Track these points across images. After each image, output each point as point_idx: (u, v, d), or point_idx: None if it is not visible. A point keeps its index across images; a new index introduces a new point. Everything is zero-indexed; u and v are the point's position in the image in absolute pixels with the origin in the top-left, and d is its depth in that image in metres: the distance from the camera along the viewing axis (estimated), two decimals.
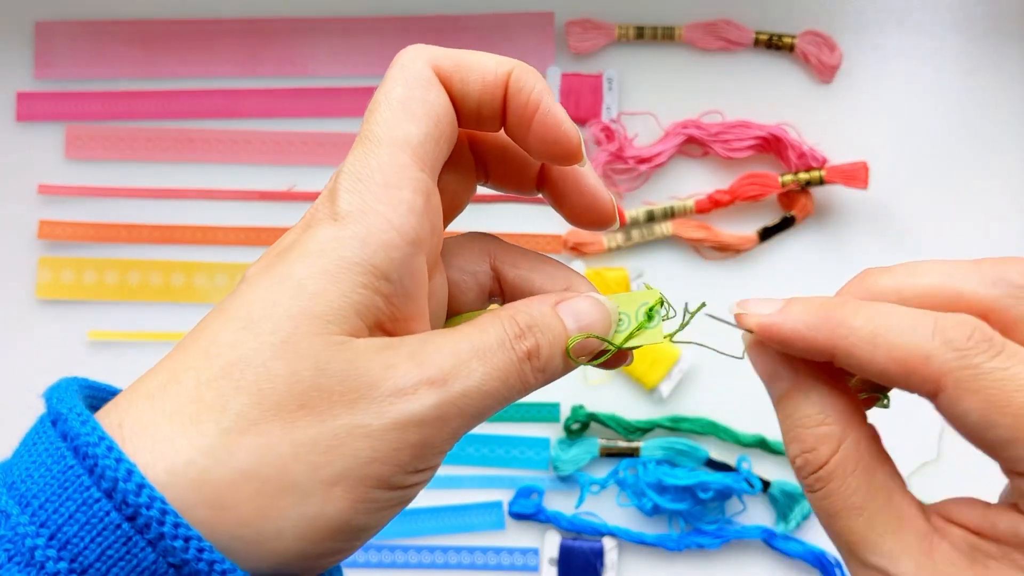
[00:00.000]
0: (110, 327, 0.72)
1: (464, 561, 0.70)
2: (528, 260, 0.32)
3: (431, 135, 0.28)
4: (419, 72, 0.28)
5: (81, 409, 0.25)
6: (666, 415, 0.69)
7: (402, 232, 0.27)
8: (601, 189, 0.31)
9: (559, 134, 0.29)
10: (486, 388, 0.27)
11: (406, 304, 0.27)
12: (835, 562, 0.68)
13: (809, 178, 0.68)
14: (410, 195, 0.27)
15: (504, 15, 0.72)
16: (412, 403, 0.26)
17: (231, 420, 0.24)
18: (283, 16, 0.73)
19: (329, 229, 0.27)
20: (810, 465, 0.28)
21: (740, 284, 0.70)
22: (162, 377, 0.26)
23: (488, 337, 0.28)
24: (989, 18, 0.71)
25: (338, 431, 0.25)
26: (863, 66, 0.71)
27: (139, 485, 0.23)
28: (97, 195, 0.73)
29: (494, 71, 0.29)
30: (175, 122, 0.73)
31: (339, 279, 0.26)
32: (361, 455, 0.25)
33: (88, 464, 0.24)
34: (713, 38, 0.71)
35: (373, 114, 0.29)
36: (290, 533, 0.25)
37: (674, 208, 0.70)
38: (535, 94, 0.29)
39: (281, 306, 0.26)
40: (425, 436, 0.26)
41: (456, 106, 0.29)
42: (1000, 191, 0.70)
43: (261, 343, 0.25)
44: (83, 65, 0.73)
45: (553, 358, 0.29)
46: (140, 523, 0.23)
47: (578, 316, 0.30)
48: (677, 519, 0.69)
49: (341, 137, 0.72)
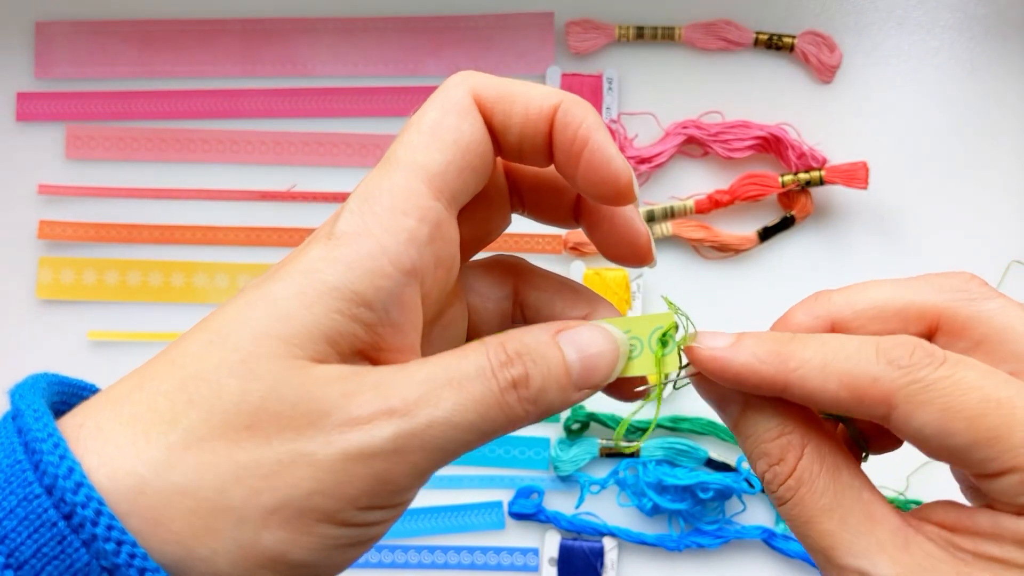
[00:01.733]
0: (110, 327, 0.72)
1: (464, 561, 0.70)
2: (551, 284, 0.31)
3: (455, 164, 0.27)
4: (458, 99, 0.27)
5: (39, 406, 0.25)
6: (666, 415, 0.69)
7: (395, 261, 0.25)
8: (639, 226, 0.30)
9: (608, 173, 0.27)
10: (456, 420, 0.25)
11: (392, 335, 0.26)
12: None
13: (809, 178, 0.68)
14: (414, 223, 0.26)
15: (504, 15, 0.72)
16: (364, 434, 0.24)
17: (178, 434, 0.24)
18: (283, 16, 0.73)
19: (321, 249, 0.26)
20: (779, 476, 0.27)
21: (740, 284, 0.70)
22: (131, 383, 0.25)
23: (467, 364, 0.26)
24: (989, 18, 0.71)
25: (281, 457, 0.24)
26: (863, 66, 0.71)
27: (77, 484, 0.23)
28: (97, 195, 0.73)
29: (539, 104, 0.27)
30: (175, 122, 0.73)
31: (314, 302, 0.25)
32: (303, 485, 0.24)
33: (35, 460, 0.23)
34: (713, 38, 0.71)
35: (401, 136, 0.27)
36: (223, 558, 0.24)
37: (674, 208, 0.70)
38: (583, 129, 0.27)
39: (249, 324, 0.25)
40: (378, 471, 0.24)
41: (497, 138, 0.28)
42: (1000, 191, 0.70)
43: (221, 359, 0.24)
44: (83, 65, 0.73)
45: (546, 390, 0.27)
46: (75, 522, 0.23)
47: (580, 347, 0.27)
48: (677, 519, 0.69)
49: (341, 137, 0.72)
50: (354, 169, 0.72)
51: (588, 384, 0.27)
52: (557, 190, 0.30)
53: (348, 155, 0.72)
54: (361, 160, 0.72)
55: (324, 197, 0.72)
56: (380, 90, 0.72)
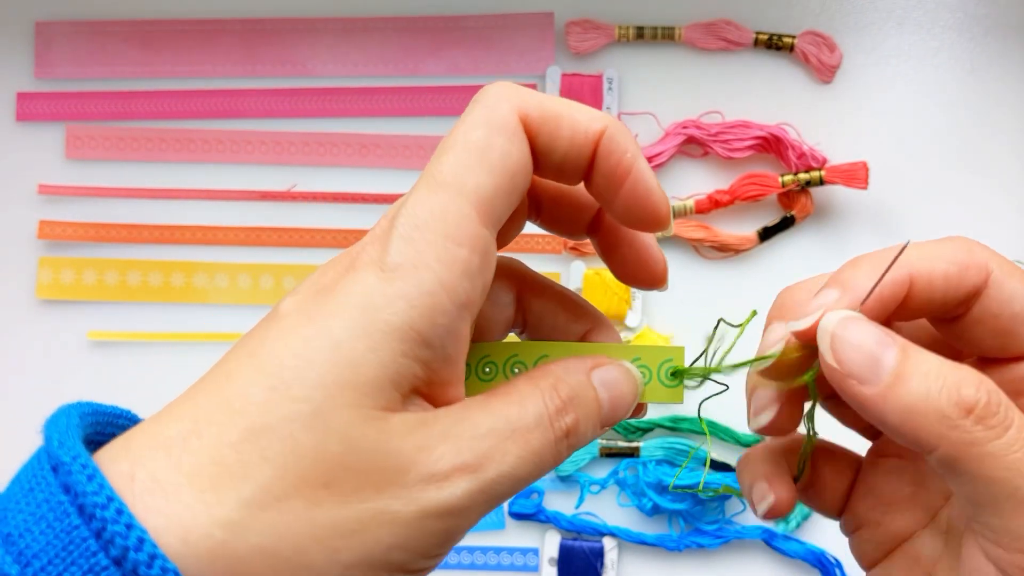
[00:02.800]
0: (110, 327, 0.72)
1: (464, 561, 0.70)
2: (554, 295, 0.31)
3: (503, 189, 0.26)
4: (504, 118, 0.26)
5: (86, 459, 0.23)
6: (666, 415, 0.69)
7: (453, 295, 0.25)
8: (655, 249, 0.30)
9: (649, 203, 0.27)
10: (519, 473, 0.25)
11: (445, 369, 0.25)
12: (835, 562, 0.68)
13: (809, 178, 0.68)
14: (467, 253, 0.25)
15: (504, 15, 0.72)
16: (443, 491, 0.24)
17: (252, 491, 0.23)
18: (283, 16, 0.73)
19: (374, 279, 0.24)
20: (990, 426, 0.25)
21: (740, 284, 0.70)
22: (182, 426, 0.24)
23: (527, 414, 0.26)
24: (989, 18, 0.71)
25: (362, 515, 0.23)
26: (863, 66, 0.71)
27: (151, 556, 0.22)
28: (97, 195, 0.73)
29: (585, 129, 0.27)
30: (175, 122, 0.73)
31: (379, 346, 0.24)
32: (384, 542, 0.24)
33: (95, 527, 0.22)
34: (713, 38, 0.71)
35: (447, 154, 0.26)
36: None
37: (674, 208, 0.70)
38: (628, 157, 0.27)
39: (314, 369, 0.24)
40: (452, 525, 0.25)
41: (538, 158, 0.27)
42: (1000, 191, 0.70)
43: (291, 410, 0.23)
44: (83, 65, 0.73)
45: (587, 434, 0.27)
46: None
47: (610, 387, 0.28)
48: (677, 519, 0.69)
49: (341, 137, 0.72)
50: (354, 169, 0.72)
51: (611, 422, 0.28)
52: (578, 205, 0.30)
53: (348, 155, 0.72)
54: (361, 160, 0.72)
55: (324, 197, 0.72)
56: (380, 90, 0.72)
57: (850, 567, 0.68)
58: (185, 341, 0.72)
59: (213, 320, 0.72)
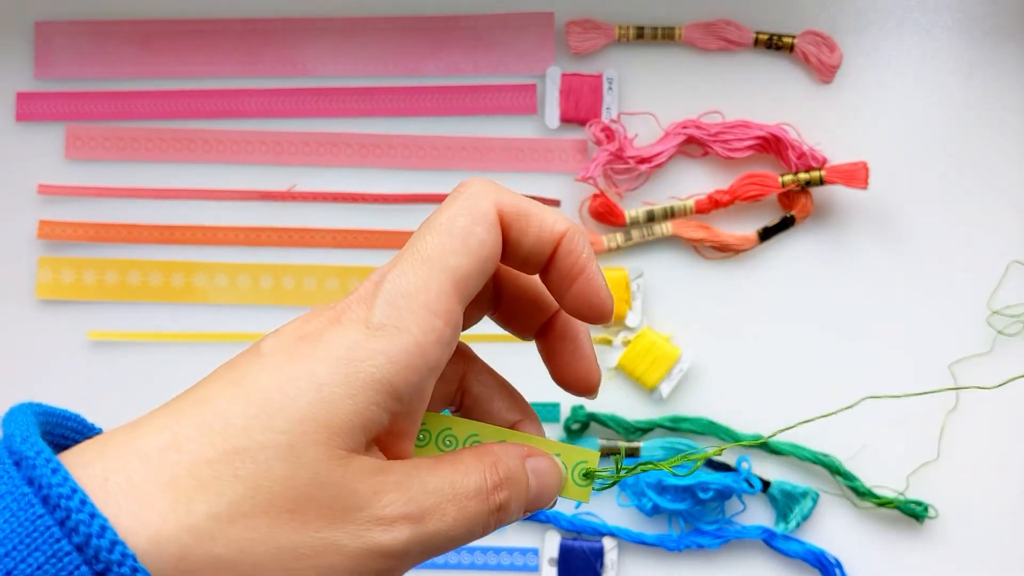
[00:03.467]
0: (110, 327, 0.72)
1: (464, 561, 0.70)
2: (494, 381, 0.34)
3: (476, 271, 0.29)
4: (485, 211, 0.29)
5: (50, 455, 0.24)
6: (666, 415, 0.69)
7: (426, 359, 0.28)
8: (593, 362, 0.33)
9: (596, 300, 0.31)
10: (452, 533, 0.28)
11: (405, 422, 0.28)
12: (835, 562, 0.68)
13: (809, 178, 0.68)
14: (442, 324, 0.28)
15: (504, 15, 0.72)
16: (387, 534, 0.27)
17: (223, 506, 0.25)
18: (283, 16, 0.73)
19: (359, 335, 0.27)
20: None
21: (740, 284, 0.70)
22: (162, 439, 0.26)
23: (469, 483, 0.29)
24: (989, 18, 0.71)
25: (316, 543, 0.26)
26: (863, 66, 0.71)
27: (112, 542, 0.23)
28: (97, 195, 0.73)
29: (551, 228, 0.30)
30: (175, 122, 0.73)
31: (357, 394, 0.27)
32: (331, 571, 0.26)
33: (59, 516, 0.23)
34: (713, 38, 0.71)
35: (431, 235, 0.29)
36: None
37: (674, 208, 0.70)
38: (583, 259, 0.30)
39: (296, 406, 0.26)
40: (387, 566, 0.27)
41: (507, 248, 0.30)
42: (1000, 191, 0.70)
43: (268, 439, 0.26)
44: (83, 65, 0.73)
45: (515, 513, 0.31)
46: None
47: (539, 475, 0.32)
48: (677, 519, 0.69)
49: (341, 137, 0.72)
50: (354, 169, 0.72)
51: (535, 507, 0.32)
52: (531, 307, 0.33)
53: (348, 155, 0.72)
54: (361, 160, 0.72)
55: (324, 197, 0.72)
56: (380, 90, 0.72)
57: (850, 567, 0.68)
58: (185, 341, 0.72)
59: (213, 320, 0.72)
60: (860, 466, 0.69)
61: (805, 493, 0.68)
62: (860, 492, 0.68)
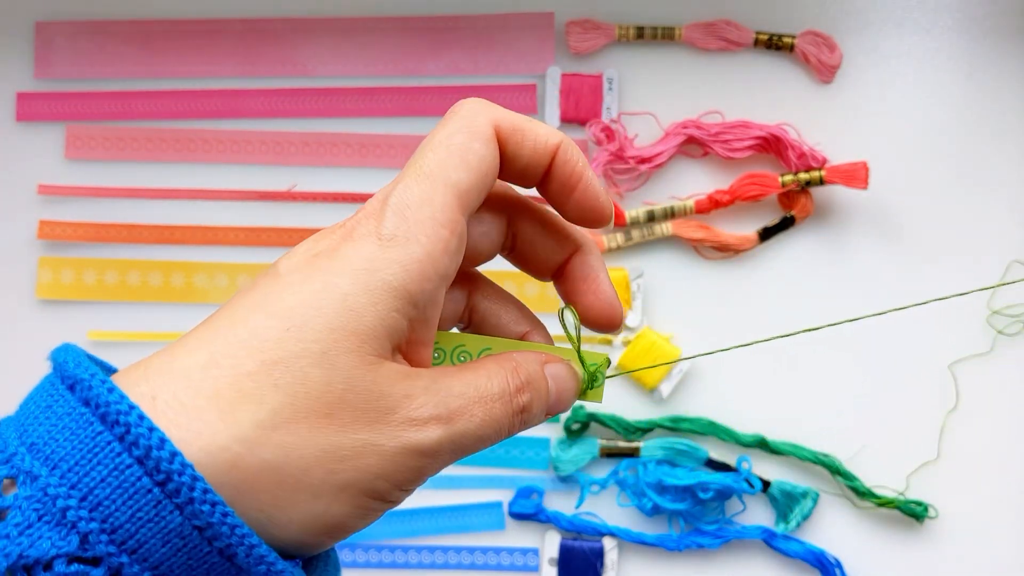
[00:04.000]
0: (110, 327, 0.72)
1: (464, 561, 0.70)
2: (500, 297, 0.35)
3: (476, 186, 0.30)
4: (481, 127, 0.30)
5: (104, 376, 0.26)
6: (666, 415, 0.69)
7: (436, 266, 0.29)
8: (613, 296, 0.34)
9: (596, 204, 0.33)
10: (480, 433, 0.30)
11: (423, 330, 0.30)
12: (835, 562, 0.68)
13: (809, 178, 0.68)
14: (448, 234, 0.29)
15: (504, 15, 0.72)
16: (421, 434, 0.28)
17: (265, 414, 0.26)
18: (283, 16, 0.73)
19: (373, 247, 0.28)
20: None
21: (740, 284, 0.70)
22: (200, 358, 0.27)
23: (493, 386, 0.30)
24: (989, 18, 0.71)
25: (355, 444, 0.27)
26: (863, 66, 0.71)
27: (172, 453, 0.25)
28: (97, 195, 0.73)
29: (545, 141, 0.32)
30: (175, 122, 0.73)
31: (379, 301, 0.28)
32: (371, 470, 0.27)
33: (118, 432, 0.25)
34: (713, 38, 0.71)
35: (430, 152, 0.30)
36: (296, 526, 0.27)
37: (674, 208, 0.70)
38: (579, 167, 0.32)
39: (324, 317, 0.27)
40: (423, 464, 0.28)
41: (505, 163, 0.32)
42: (1000, 191, 0.70)
43: (302, 349, 0.27)
44: (83, 65, 0.73)
45: (537, 415, 0.32)
46: (171, 488, 0.25)
47: (557, 380, 0.33)
48: (677, 519, 0.69)
49: (341, 137, 0.72)
50: (354, 169, 0.72)
51: (555, 411, 0.33)
52: (547, 248, 0.34)
53: (348, 155, 0.72)
54: (361, 160, 0.72)
55: (324, 197, 0.72)
56: (380, 90, 0.72)
57: (850, 567, 0.68)
58: None
59: None
60: (860, 466, 0.69)
61: (805, 493, 0.68)
62: (860, 492, 0.68)
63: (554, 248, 0.34)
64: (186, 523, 0.25)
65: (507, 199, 0.34)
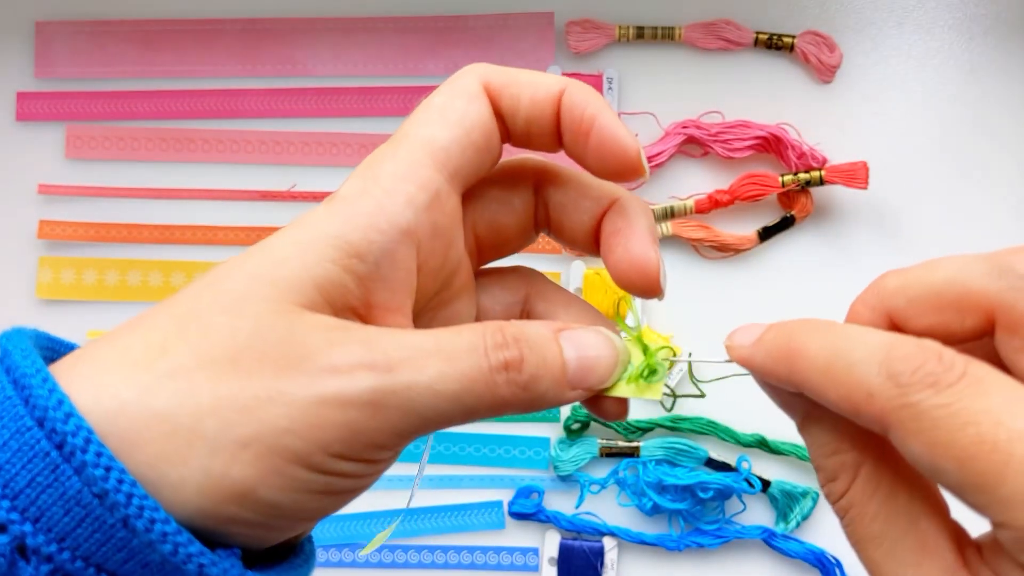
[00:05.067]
0: (110, 327, 0.72)
1: (464, 561, 0.70)
2: (561, 297, 0.32)
3: (459, 142, 0.28)
4: (466, 85, 0.29)
5: (25, 345, 0.25)
6: (666, 415, 0.69)
7: (390, 218, 0.26)
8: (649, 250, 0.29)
9: (616, 148, 0.28)
10: (438, 387, 0.25)
11: (381, 291, 0.26)
12: (835, 562, 0.68)
13: (809, 178, 0.68)
14: (413, 189, 0.27)
15: (504, 15, 0.72)
16: (342, 381, 0.25)
17: (167, 365, 0.24)
18: (283, 16, 0.73)
19: (321, 208, 0.27)
20: (833, 494, 0.26)
21: (740, 284, 0.70)
22: (127, 324, 0.26)
23: (459, 340, 0.26)
24: (989, 17, 0.71)
25: (259, 392, 0.24)
26: (863, 66, 0.71)
27: (67, 414, 0.23)
28: (97, 195, 0.73)
29: (545, 88, 0.29)
30: (175, 122, 0.73)
31: (307, 250, 0.26)
32: (277, 423, 0.24)
33: (24, 395, 0.24)
34: (713, 38, 0.71)
35: (409, 117, 0.29)
36: (191, 485, 0.24)
37: (674, 208, 0.70)
38: (590, 108, 0.28)
39: (244, 268, 0.26)
40: (352, 419, 0.25)
41: (505, 122, 0.29)
42: (1000, 191, 0.70)
43: (213, 299, 0.25)
44: (83, 65, 0.73)
45: (539, 379, 0.26)
46: (66, 451, 0.23)
47: (580, 347, 0.27)
48: (677, 519, 0.69)
49: (341, 137, 0.72)
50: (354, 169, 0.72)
51: (583, 384, 0.28)
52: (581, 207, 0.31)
53: (348, 155, 0.72)
54: (361, 160, 0.72)
55: (324, 197, 0.72)
56: (380, 90, 0.72)
57: (850, 567, 0.68)
58: None
59: None
60: None
61: (805, 493, 0.68)
62: None
63: (586, 209, 0.30)
64: (85, 490, 0.23)
65: (525, 169, 0.31)
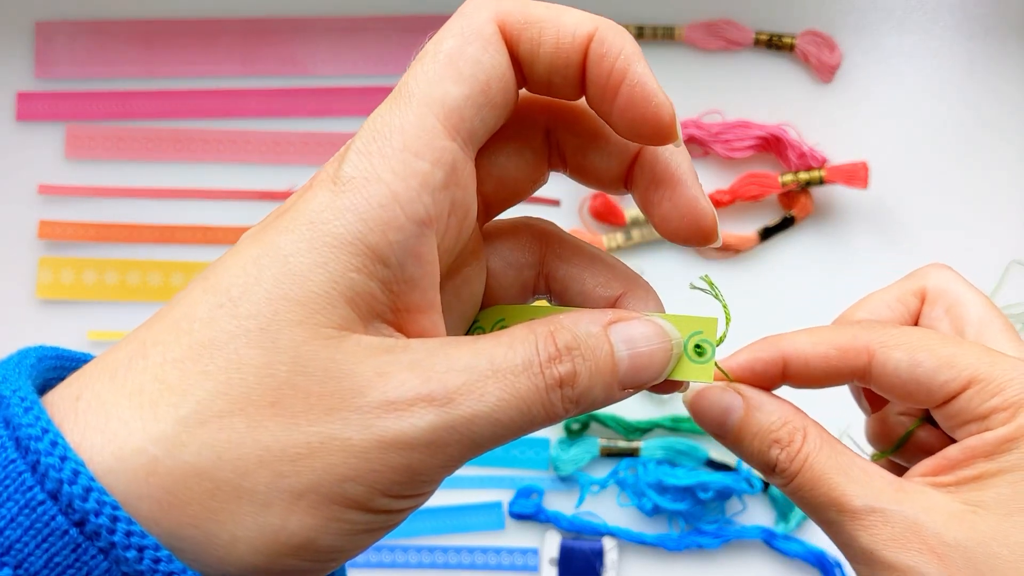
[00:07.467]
0: (110, 327, 0.72)
1: (464, 561, 0.70)
2: (583, 256, 0.28)
3: (474, 100, 0.24)
4: (479, 26, 0.24)
5: (26, 392, 0.22)
6: (666, 415, 0.69)
7: (408, 210, 0.23)
8: (702, 198, 0.26)
9: (648, 109, 0.24)
10: (499, 416, 0.23)
11: (409, 293, 0.23)
12: (835, 562, 0.68)
13: (809, 178, 0.68)
14: (428, 167, 0.23)
15: None
16: (403, 421, 0.22)
17: (190, 407, 0.21)
18: (283, 16, 0.73)
19: (325, 195, 0.23)
20: (789, 453, 0.31)
21: (740, 284, 0.70)
22: (131, 348, 0.23)
23: (514, 356, 0.23)
24: (989, 17, 0.71)
25: (311, 439, 0.22)
26: (863, 66, 0.71)
27: (86, 489, 0.20)
28: (97, 195, 0.73)
29: (572, 31, 0.24)
30: (175, 122, 0.73)
31: (328, 259, 0.22)
32: (335, 471, 0.22)
33: (30, 460, 0.21)
34: (713, 38, 0.71)
35: (415, 66, 0.24)
36: (245, 544, 0.22)
37: None
38: (621, 60, 0.24)
39: (262, 285, 0.22)
40: (413, 461, 0.22)
41: (523, 69, 0.25)
42: (1000, 190, 0.70)
43: (236, 327, 0.22)
44: (83, 65, 0.73)
45: (591, 389, 0.24)
46: (89, 530, 0.21)
47: (632, 343, 0.25)
48: (677, 519, 0.69)
49: (341, 137, 0.72)
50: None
51: (634, 384, 0.25)
52: (606, 147, 0.27)
53: None
54: None
55: None
56: (380, 90, 0.72)
57: (850, 567, 0.68)
58: None
59: None
60: None
61: None
62: None
63: (612, 153, 0.27)
64: (114, 568, 0.21)
65: (534, 107, 0.27)
